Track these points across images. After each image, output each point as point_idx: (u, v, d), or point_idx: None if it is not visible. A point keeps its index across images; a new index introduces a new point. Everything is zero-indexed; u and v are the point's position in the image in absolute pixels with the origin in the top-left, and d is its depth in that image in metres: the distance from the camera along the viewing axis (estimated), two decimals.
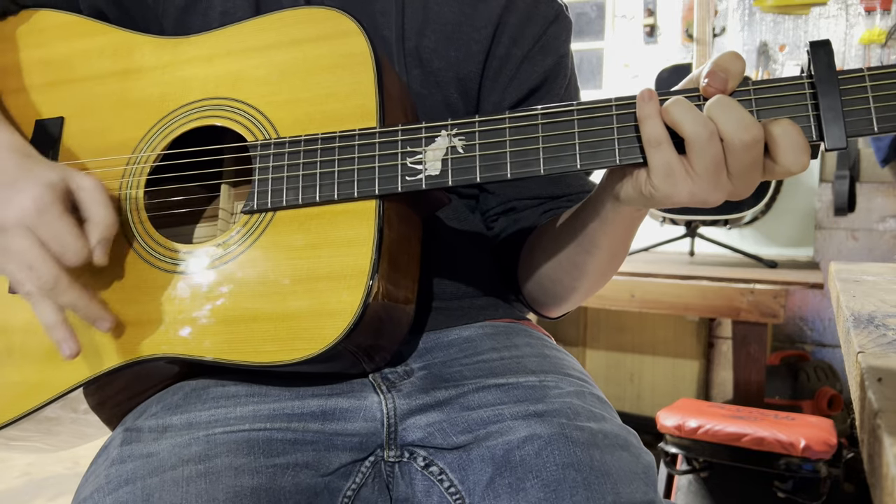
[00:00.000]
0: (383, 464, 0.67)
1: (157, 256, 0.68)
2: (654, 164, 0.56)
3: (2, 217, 0.62)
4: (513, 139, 0.61)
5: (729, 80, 0.55)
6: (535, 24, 0.83)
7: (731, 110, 0.54)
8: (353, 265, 0.62)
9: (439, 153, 0.62)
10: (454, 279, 0.81)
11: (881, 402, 0.40)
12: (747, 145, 0.53)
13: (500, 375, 0.70)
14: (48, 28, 0.78)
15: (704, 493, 1.79)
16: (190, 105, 0.72)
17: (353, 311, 0.61)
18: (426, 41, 0.80)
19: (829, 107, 0.54)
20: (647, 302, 2.07)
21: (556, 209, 0.83)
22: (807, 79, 0.56)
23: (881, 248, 2.56)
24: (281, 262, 0.64)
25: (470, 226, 0.85)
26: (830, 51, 0.55)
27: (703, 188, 0.56)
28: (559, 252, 0.75)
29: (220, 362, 0.64)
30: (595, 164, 0.59)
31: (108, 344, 0.67)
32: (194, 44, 0.74)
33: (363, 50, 0.67)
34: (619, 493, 0.58)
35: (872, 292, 0.76)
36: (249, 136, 0.68)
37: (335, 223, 0.64)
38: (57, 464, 2.28)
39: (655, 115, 0.56)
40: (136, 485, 0.58)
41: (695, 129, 0.54)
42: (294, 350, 0.62)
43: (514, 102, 0.83)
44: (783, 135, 0.53)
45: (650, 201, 0.59)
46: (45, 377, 0.68)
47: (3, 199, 0.63)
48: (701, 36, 2.29)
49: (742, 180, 0.56)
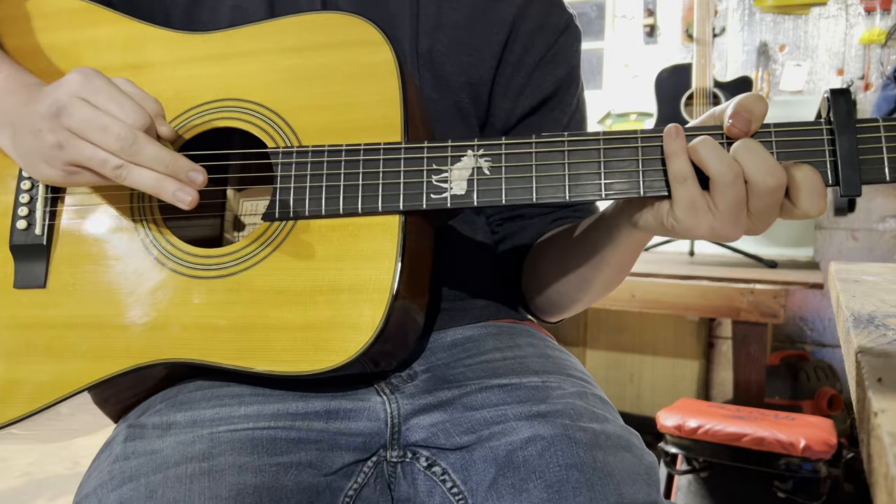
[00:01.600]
0: (385, 464, 0.67)
1: (175, 260, 0.67)
2: (678, 198, 0.57)
3: (56, 97, 0.60)
4: (539, 164, 0.61)
5: (752, 121, 0.56)
6: (546, 32, 0.83)
7: (758, 154, 0.55)
8: (376, 279, 0.62)
9: (465, 173, 0.62)
10: (458, 280, 0.81)
11: (881, 402, 0.40)
12: (771, 189, 0.55)
13: (503, 376, 0.70)
14: (54, 13, 0.76)
15: (704, 493, 1.79)
16: (206, 105, 0.70)
17: (376, 325, 0.61)
18: (439, 45, 0.79)
19: (847, 154, 0.56)
20: (647, 302, 2.07)
21: (564, 219, 0.84)
22: (825, 125, 0.57)
23: (881, 248, 2.56)
24: (302, 272, 0.64)
25: (474, 227, 0.85)
26: (850, 99, 0.57)
27: (723, 224, 0.57)
28: (567, 266, 0.75)
29: (237, 369, 0.64)
30: (619, 194, 0.60)
31: (121, 346, 0.66)
32: (209, 41, 0.72)
33: (387, 59, 0.67)
34: (621, 493, 0.58)
35: (872, 292, 0.76)
36: (269, 142, 0.67)
37: (358, 236, 0.64)
38: (57, 464, 2.28)
39: (682, 151, 0.57)
40: (139, 481, 0.58)
41: (721, 169, 0.55)
42: (315, 361, 0.62)
43: (526, 111, 0.83)
44: (805, 180, 0.55)
45: (670, 233, 0.60)
46: (55, 376, 0.67)
47: (48, 91, 0.61)
48: (701, 36, 2.28)
49: (761, 219, 0.57)
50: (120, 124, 0.58)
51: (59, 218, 0.71)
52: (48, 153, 0.61)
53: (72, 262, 0.70)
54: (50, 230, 0.71)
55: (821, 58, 2.63)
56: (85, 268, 0.69)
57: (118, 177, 0.60)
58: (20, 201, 0.71)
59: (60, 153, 0.60)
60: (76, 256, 0.70)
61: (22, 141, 0.64)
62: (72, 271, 0.70)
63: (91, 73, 0.60)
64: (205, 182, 0.61)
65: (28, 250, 0.70)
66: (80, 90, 0.60)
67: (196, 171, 0.61)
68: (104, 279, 0.68)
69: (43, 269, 0.70)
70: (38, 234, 0.70)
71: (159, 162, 0.59)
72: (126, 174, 0.60)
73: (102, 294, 0.68)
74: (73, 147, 0.60)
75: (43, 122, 0.60)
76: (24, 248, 0.70)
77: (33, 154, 0.63)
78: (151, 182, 0.60)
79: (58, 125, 0.59)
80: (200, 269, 0.67)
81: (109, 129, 0.58)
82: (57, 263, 0.70)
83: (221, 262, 0.67)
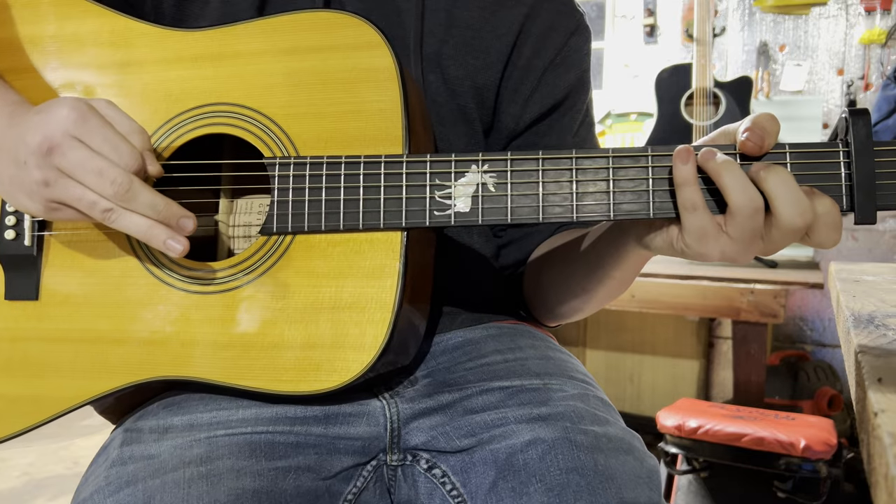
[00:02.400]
0: (385, 468, 0.67)
1: (171, 274, 0.66)
2: (688, 226, 0.56)
3: (47, 133, 0.57)
4: (546, 182, 0.59)
5: (766, 138, 0.55)
6: (556, 34, 0.81)
7: (791, 191, 0.52)
8: (378, 298, 0.61)
9: (469, 189, 0.60)
10: (460, 284, 0.81)
11: (881, 402, 0.40)
12: (799, 228, 0.53)
13: (504, 378, 0.70)
14: (40, 3, 0.71)
15: (704, 493, 1.79)
16: (198, 109, 0.68)
17: (378, 346, 0.61)
18: (445, 47, 0.77)
19: (863, 179, 0.54)
20: (647, 302, 2.06)
21: (569, 225, 0.82)
22: (842, 148, 0.55)
23: (881, 248, 2.56)
24: (302, 289, 0.63)
25: (475, 230, 0.84)
26: (869, 121, 0.54)
27: (735, 250, 0.55)
28: (570, 278, 0.74)
29: (236, 387, 0.63)
30: (628, 215, 0.58)
31: (119, 362, 0.65)
32: (200, 39, 0.68)
33: (388, 65, 0.64)
34: (622, 497, 0.58)
35: (872, 292, 0.76)
36: (266, 151, 0.65)
37: (359, 252, 0.62)
38: (57, 464, 2.28)
39: (693, 181, 0.54)
40: (136, 486, 0.57)
41: (743, 201, 0.53)
42: (316, 381, 0.61)
43: (535, 116, 0.81)
44: (825, 215, 0.53)
45: (681, 255, 0.59)
46: (53, 391, 0.66)
47: (36, 122, 0.58)
48: (701, 36, 2.28)
49: (775, 246, 0.56)
50: (116, 170, 0.57)
51: (50, 228, 0.69)
52: (32, 188, 0.59)
53: (65, 274, 0.68)
54: (40, 241, 0.69)
55: (821, 58, 2.63)
56: (78, 280, 0.67)
57: (106, 220, 0.58)
58: (7, 210, 0.68)
59: (45, 190, 0.58)
60: (69, 268, 0.68)
61: (1, 167, 0.61)
62: (65, 283, 0.67)
63: (85, 111, 0.58)
64: (195, 228, 0.60)
65: (17, 261, 0.68)
66: (74, 129, 0.57)
67: (187, 218, 0.60)
68: (98, 292, 0.66)
69: (34, 280, 0.68)
70: (27, 245, 0.68)
71: (152, 209, 0.58)
72: (115, 218, 0.58)
73: (97, 308, 0.66)
74: (62, 187, 0.58)
75: (30, 157, 0.58)
76: (13, 258, 0.68)
77: (14, 184, 0.60)
78: (142, 229, 0.58)
79: (47, 163, 0.57)
80: (198, 283, 0.65)
81: (105, 173, 0.56)
82: (49, 275, 0.68)
83: (219, 276, 0.65)
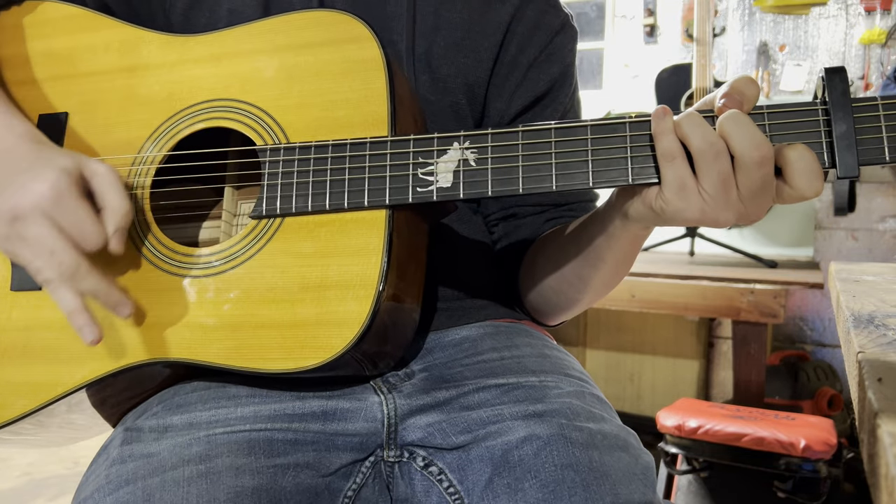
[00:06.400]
0: (383, 464, 0.67)
1: (164, 259, 0.68)
2: (667, 178, 0.56)
3: (18, 204, 0.61)
4: (525, 154, 0.60)
5: (744, 102, 0.56)
6: (541, 32, 0.83)
7: (744, 126, 0.54)
8: (363, 275, 0.62)
9: (451, 165, 0.62)
10: (456, 280, 0.81)
11: (881, 402, 0.40)
12: (757, 163, 0.54)
13: (500, 375, 0.70)
14: (52, 20, 0.77)
15: (704, 493, 1.79)
16: (197, 106, 0.71)
17: (362, 321, 0.61)
18: (436, 47, 0.80)
19: (843, 134, 0.54)
20: (647, 302, 2.07)
21: (558, 218, 0.84)
22: (821, 105, 0.56)
23: (881, 248, 2.56)
24: (289, 269, 0.64)
25: (472, 227, 0.85)
26: (845, 78, 0.55)
27: (713, 206, 0.56)
28: (564, 265, 0.75)
29: (226, 368, 0.64)
30: (607, 182, 0.59)
31: (113, 346, 0.67)
32: (202, 43, 0.73)
33: (375, 56, 0.67)
34: (617, 493, 0.58)
35: (872, 292, 0.76)
36: (258, 140, 0.68)
37: (345, 231, 0.64)
38: (57, 464, 2.28)
39: (670, 130, 0.56)
40: (136, 485, 0.58)
41: (702, 143, 0.54)
42: (301, 358, 0.62)
43: (519, 110, 0.83)
44: (798, 159, 0.54)
45: (659, 218, 0.59)
46: (49, 377, 0.68)
47: (17, 185, 0.61)
48: (701, 36, 2.28)
49: (753, 202, 0.56)
50: (68, 253, 0.60)
51: None
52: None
53: None
54: None
55: (821, 58, 2.63)
56: None
57: (44, 287, 0.62)
58: None
59: (3, 240, 0.62)
60: None
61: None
62: None
63: (63, 190, 0.60)
64: (130, 316, 0.64)
65: None
66: (47, 206, 0.60)
67: (124, 306, 0.63)
68: None
69: None
70: None
71: (94, 293, 0.62)
72: (52, 289, 0.61)
73: None
74: (17, 247, 0.61)
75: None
76: None
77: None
78: (66, 309, 0.61)
79: (11, 226, 0.61)
80: (190, 267, 0.67)
81: (56, 254, 0.60)
82: None
83: (210, 260, 0.67)
